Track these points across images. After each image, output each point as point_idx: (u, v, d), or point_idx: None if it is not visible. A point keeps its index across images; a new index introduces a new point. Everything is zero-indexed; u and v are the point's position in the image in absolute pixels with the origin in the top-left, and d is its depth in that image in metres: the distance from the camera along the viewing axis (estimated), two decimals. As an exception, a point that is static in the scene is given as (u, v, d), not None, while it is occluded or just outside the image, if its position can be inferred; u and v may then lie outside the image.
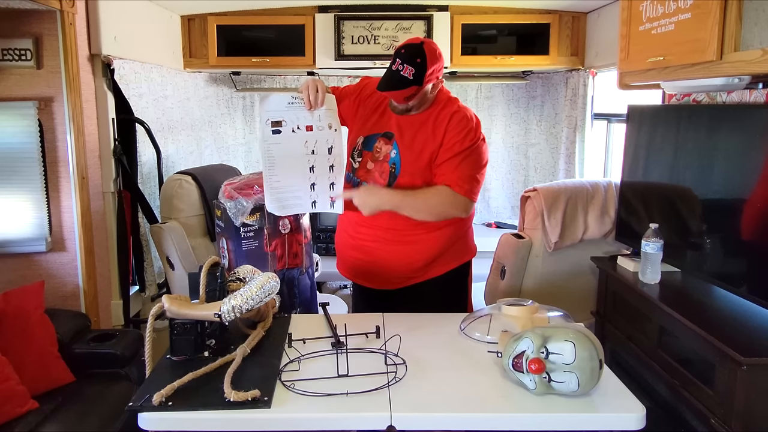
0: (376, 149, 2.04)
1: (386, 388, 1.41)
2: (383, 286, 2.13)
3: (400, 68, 1.84)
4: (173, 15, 3.40)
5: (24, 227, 2.33)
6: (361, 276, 2.18)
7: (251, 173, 2.22)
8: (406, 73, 1.84)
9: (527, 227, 2.58)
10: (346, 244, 2.19)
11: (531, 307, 1.75)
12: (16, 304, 2.02)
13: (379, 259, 2.09)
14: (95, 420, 1.88)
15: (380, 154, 2.03)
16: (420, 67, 1.84)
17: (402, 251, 2.06)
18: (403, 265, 2.08)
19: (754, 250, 1.79)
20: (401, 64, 1.84)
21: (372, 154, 2.05)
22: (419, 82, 1.85)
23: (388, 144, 2.03)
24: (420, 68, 1.84)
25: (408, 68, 1.84)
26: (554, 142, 3.93)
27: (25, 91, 2.30)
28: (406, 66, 1.84)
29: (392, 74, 1.86)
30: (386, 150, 2.02)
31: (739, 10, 1.71)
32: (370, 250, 2.10)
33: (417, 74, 1.84)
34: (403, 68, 1.84)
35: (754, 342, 1.62)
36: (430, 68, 1.86)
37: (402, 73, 1.84)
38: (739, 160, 1.86)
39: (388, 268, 2.09)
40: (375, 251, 2.08)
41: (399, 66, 1.84)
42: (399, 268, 2.08)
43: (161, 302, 1.53)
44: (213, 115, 3.94)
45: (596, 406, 1.35)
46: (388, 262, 2.08)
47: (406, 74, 1.84)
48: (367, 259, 2.11)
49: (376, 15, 3.44)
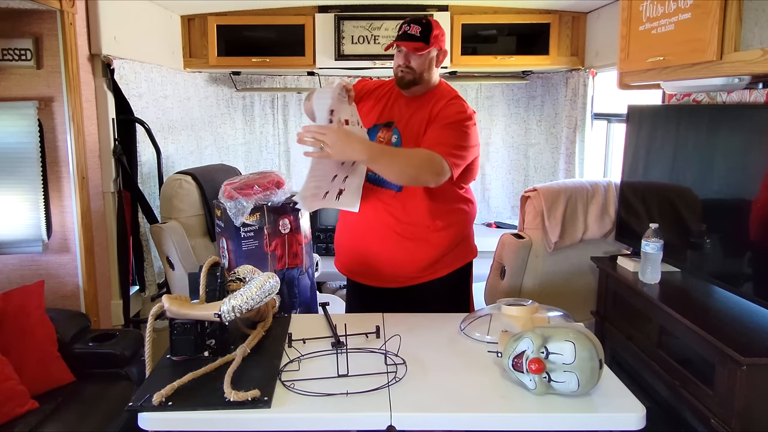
0: (378, 138, 2.06)
1: (386, 388, 1.41)
2: (386, 284, 2.12)
3: (406, 29, 1.98)
4: (173, 15, 3.40)
5: (24, 227, 2.32)
6: (363, 274, 2.17)
7: (251, 173, 2.23)
8: (413, 31, 1.97)
9: (527, 227, 2.58)
10: (349, 242, 2.18)
11: (531, 307, 1.75)
12: (16, 304, 2.02)
13: (384, 257, 2.08)
14: (95, 420, 1.88)
15: (383, 142, 2.05)
16: (426, 26, 1.98)
17: (409, 248, 2.06)
18: (410, 263, 2.07)
19: (754, 250, 1.79)
20: (407, 25, 1.98)
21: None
22: (426, 40, 1.97)
23: (388, 131, 2.06)
24: (426, 27, 1.98)
25: (414, 27, 1.97)
26: (554, 142, 3.93)
27: (25, 91, 2.30)
28: (412, 26, 1.98)
29: (400, 35, 1.99)
30: (387, 137, 2.05)
31: (739, 10, 1.71)
32: (375, 248, 2.08)
33: (423, 32, 1.97)
34: (410, 28, 1.98)
35: (754, 342, 1.62)
36: (435, 30, 1.99)
37: (409, 32, 1.97)
38: (739, 160, 1.86)
39: (395, 267, 2.08)
40: (381, 249, 2.08)
41: (405, 27, 1.98)
42: (406, 266, 2.07)
43: (161, 302, 1.53)
44: (213, 115, 3.94)
45: (596, 406, 1.35)
46: (394, 260, 2.07)
47: (413, 32, 1.97)
48: (371, 258, 2.10)
49: (376, 15, 3.44)
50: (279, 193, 2.13)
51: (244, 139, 4.16)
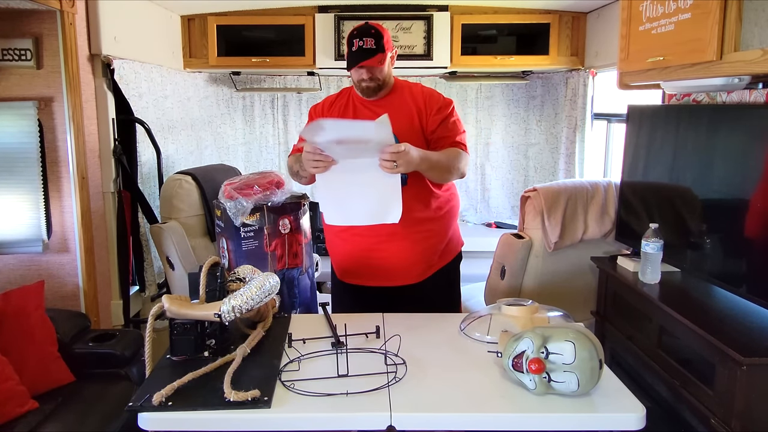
0: None
1: (386, 388, 1.41)
2: (390, 282, 2.13)
3: (361, 44, 1.97)
4: (173, 15, 3.40)
5: (24, 227, 2.33)
6: (362, 275, 2.16)
7: (251, 173, 2.23)
8: (369, 45, 1.97)
9: (527, 227, 2.58)
10: (346, 249, 2.17)
11: (531, 307, 1.75)
12: (16, 304, 2.02)
13: (393, 253, 2.09)
14: (95, 420, 1.88)
15: None
16: (377, 35, 1.98)
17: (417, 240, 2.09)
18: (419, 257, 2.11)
19: (754, 250, 1.79)
20: (360, 40, 1.97)
21: None
22: (382, 49, 1.99)
23: None
24: (377, 36, 1.98)
25: (368, 40, 1.97)
26: (554, 142, 3.93)
27: (25, 91, 2.30)
28: (365, 39, 1.97)
29: (356, 52, 1.97)
30: None
31: (739, 10, 1.71)
32: (382, 245, 2.09)
33: (377, 43, 1.98)
34: (363, 42, 1.97)
35: (754, 342, 1.62)
36: (384, 34, 2.01)
37: (365, 47, 1.97)
38: (739, 160, 1.86)
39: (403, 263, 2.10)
40: (389, 246, 2.08)
41: (359, 43, 1.97)
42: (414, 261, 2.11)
43: (161, 302, 1.53)
44: (213, 115, 3.95)
45: (596, 406, 1.35)
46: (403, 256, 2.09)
47: (369, 46, 1.97)
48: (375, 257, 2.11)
49: (376, 15, 3.44)
50: (279, 193, 2.13)
51: (244, 139, 4.16)
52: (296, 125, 4.14)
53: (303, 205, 2.23)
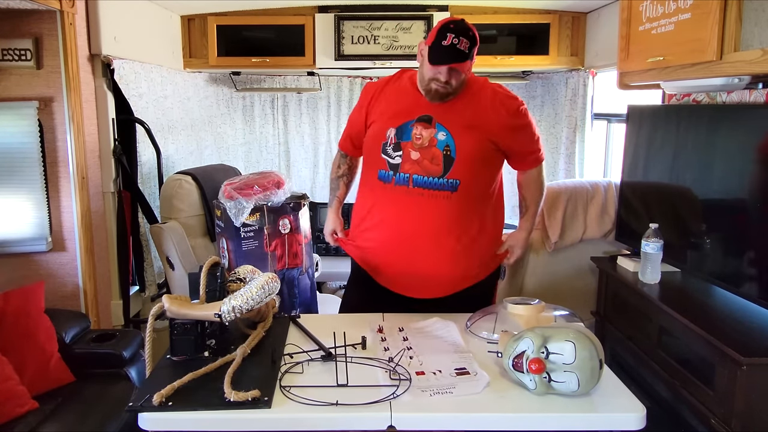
0: (415, 136, 1.87)
1: (387, 388, 1.40)
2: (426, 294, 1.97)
3: (455, 41, 1.74)
4: (173, 15, 3.40)
5: (24, 227, 2.33)
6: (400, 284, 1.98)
7: (251, 173, 2.23)
8: (463, 47, 1.75)
9: (527, 227, 2.57)
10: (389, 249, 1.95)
11: (537, 306, 1.74)
12: (16, 304, 2.02)
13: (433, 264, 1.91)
14: (95, 420, 1.88)
15: (423, 140, 1.86)
16: (473, 40, 1.78)
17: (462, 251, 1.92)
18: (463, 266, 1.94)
19: (754, 250, 1.79)
20: (455, 37, 1.74)
21: (411, 142, 1.87)
22: (472, 56, 1.80)
23: (428, 128, 1.87)
24: (473, 41, 1.78)
25: (464, 41, 1.75)
26: (554, 142, 3.93)
27: (25, 91, 2.30)
28: (461, 39, 1.74)
29: (448, 48, 1.74)
30: (429, 134, 1.86)
31: (739, 10, 1.71)
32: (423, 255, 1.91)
33: (471, 48, 1.77)
34: (458, 41, 1.74)
35: (754, 342, 1.62)
36: (478, 43, 1.81)
37: (459, 47, 1.75)
38: (739, 160, 1.86)
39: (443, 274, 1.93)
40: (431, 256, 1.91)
41: (453, 40, 1.74)
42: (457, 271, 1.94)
43: (161, 302, 1.53)
44: (213, 115, 3.94)
45: (596, 406, 1.35)
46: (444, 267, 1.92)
47: (463, 48, 1.75)
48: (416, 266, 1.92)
49: (376, 15, 3.44)
50: (279, 193, 2.14)
51: (244, 139, 4.16)
52: (296, 125, 4.14)
53: (303, 205, 2.24)
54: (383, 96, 1.97)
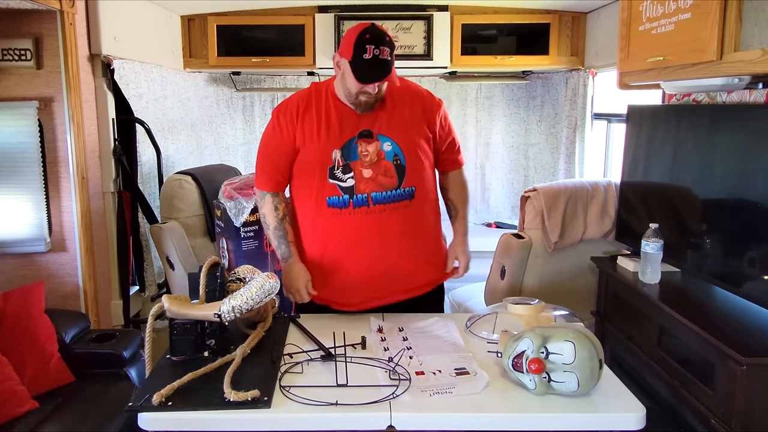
0: (362, 154, 1.80)
1: (386, 388, 1.40)
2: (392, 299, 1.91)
3: (376, 53, 1.65)
4: (173, 15, 3.40)
5: (24, 227, 2.33)
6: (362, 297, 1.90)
7: (251, 173, 2.22)
8: (386, 56, 1.66)
9: (527, 227, 2.58)
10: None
11: (537, 306, 1.74)
12: (16, 304, 2.02)
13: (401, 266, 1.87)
14: (95, 420, 1.88)
15: (371, 156, 1.81)
16: (391, 45, 1.69)
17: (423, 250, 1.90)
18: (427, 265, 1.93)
19: (754, 250, 1.79)
20: (375, 48, 1.65)
21: (360, 161, 1.81)
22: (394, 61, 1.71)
23: (372, 142, 1.81)
24: (392, 46, 1.69)
25: (385, 50, 1.66)
26: (554, 142, 3.93)
27: (25, 91, 2.30)
28: (382, 49, 1.65)
29: (371, 62, 1.66)
30: (374, 148, 1.81)
31: (739, 10, 1.71)
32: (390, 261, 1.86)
33: (392, 53, 1.69)
34: (380, 51, 1.65)
35: (754, 342, 1.62)
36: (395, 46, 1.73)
37: (381, 57, 1.66)
38: (739, 160, 1.86)
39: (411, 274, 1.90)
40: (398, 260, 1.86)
41: (374, 51, 1.65)
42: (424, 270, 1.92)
43: (161, 302, 1.53)
44: (213, 115, 3.95)
45: (596, 406, 1.35)
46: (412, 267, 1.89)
47: (385, 57, 1.66)
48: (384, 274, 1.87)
49: (376, 15, 3.44)
50: (279, 193, 2.13)
51: (244, 139, 4.16)
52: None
53: (303, 205, 2.23)
54: (307, 116, 1.83)
